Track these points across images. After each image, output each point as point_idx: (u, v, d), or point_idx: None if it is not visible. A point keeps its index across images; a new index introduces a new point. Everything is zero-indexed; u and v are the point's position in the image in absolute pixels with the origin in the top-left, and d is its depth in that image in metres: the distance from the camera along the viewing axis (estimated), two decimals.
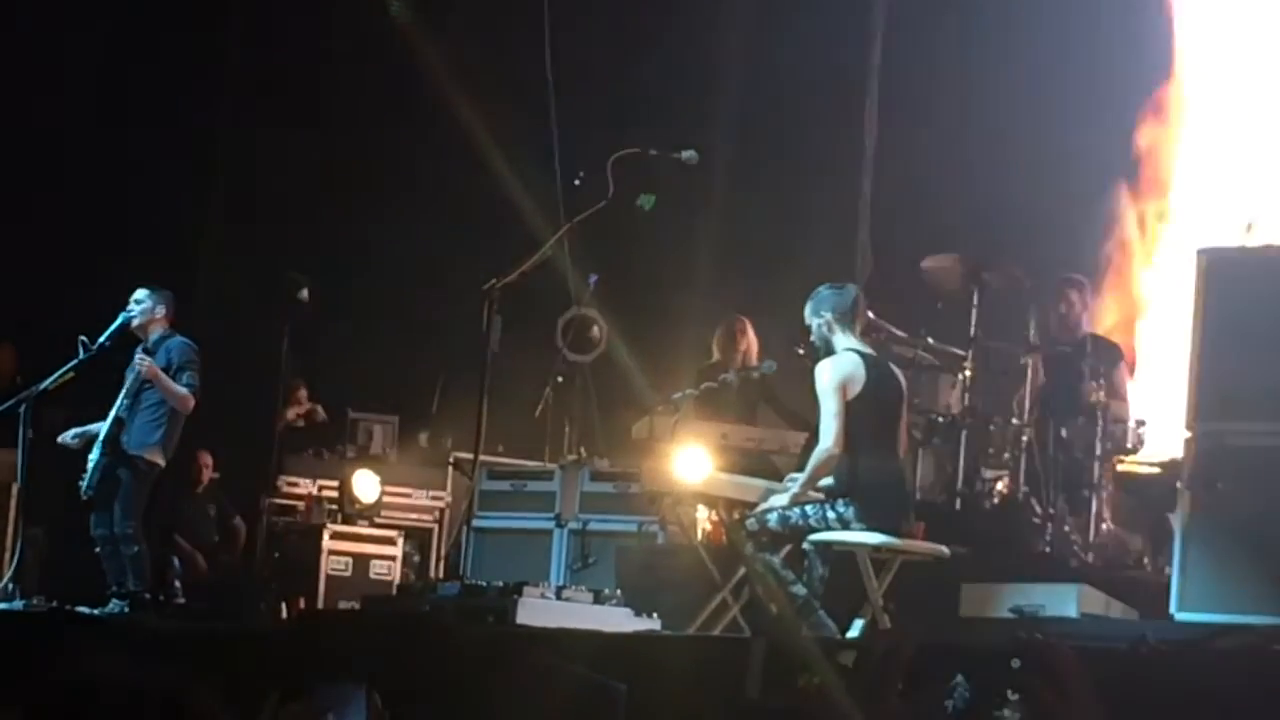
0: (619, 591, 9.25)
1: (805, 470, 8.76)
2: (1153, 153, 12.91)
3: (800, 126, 13.59)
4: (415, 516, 12.96)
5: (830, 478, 8.68)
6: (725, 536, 9.49)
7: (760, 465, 10.40)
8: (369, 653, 7.80)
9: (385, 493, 12.57)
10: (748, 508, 9.09)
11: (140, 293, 11.27)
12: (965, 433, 10.65)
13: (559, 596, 8.92)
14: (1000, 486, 10.73)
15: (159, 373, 11.05)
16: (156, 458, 11.10)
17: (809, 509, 8.67)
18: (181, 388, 11.07)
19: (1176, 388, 8.51)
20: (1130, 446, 10.48)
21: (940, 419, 10.76)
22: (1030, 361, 10.84)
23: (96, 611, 10.44)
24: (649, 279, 13.42)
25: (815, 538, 8.62)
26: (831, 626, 8.46)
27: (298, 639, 8.51)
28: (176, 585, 12.27)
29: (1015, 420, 10.71)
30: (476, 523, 10.93)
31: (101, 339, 11.13)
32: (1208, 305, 8.15)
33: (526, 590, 8.77)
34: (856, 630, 8.61)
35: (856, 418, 8.61)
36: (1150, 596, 9.05)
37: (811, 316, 8.84)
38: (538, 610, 8.62)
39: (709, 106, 13.39)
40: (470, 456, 10.26)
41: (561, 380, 11.97)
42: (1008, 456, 10.65)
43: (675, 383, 10.91)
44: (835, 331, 8.77)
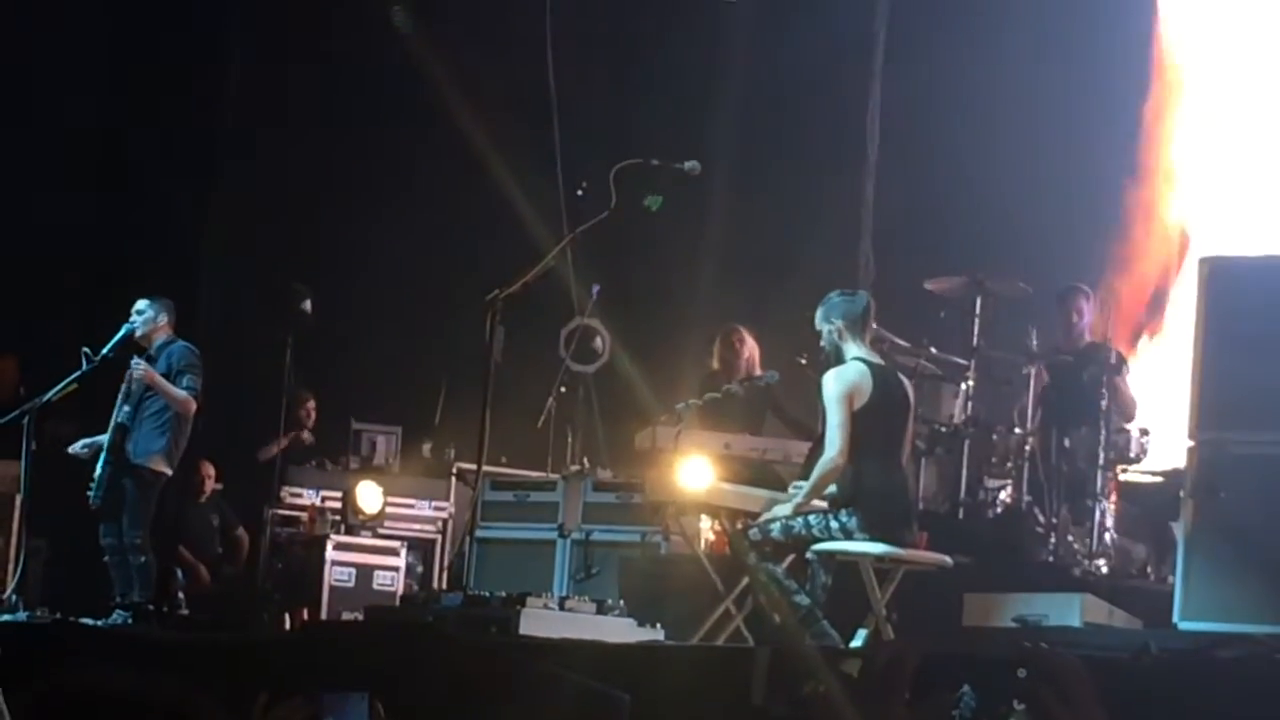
0: (622, 602, 9.24)
1: (809, 480, 8.75)
2: (1156, 161, 12.92)
3: (802, 135, 13.59)
4: (418, 527, 12.95)
5: (834, 487, 8.68)
6: (728, 546, 9.49)
7: (763, 475, 10.40)
8: (372, 663, 7.80)
9: (388, 503, 12.56)
10: (751, 518, 9.09)
11: (141, 303, 11.29)
12: (968, 442, 10.66)
13: (562, 607, 8.91)
14: (1003, 496, 10.74)
15: (155, 377, 11.06)
16: (161, 466, 11.10)
17: (812, 519, 8.66)
18: (181, 391, 11.08)
19: (1179, 396, 8.51)
20: (1133, 455, 10.48)
21: (943, 428, 10.77)
22: (1032, 370, 10.85)
23: (100, 623, 10.44)
24: (652, 289, 13.42)
25: (818, 547, 8.62)
26: (834, 636, 8.45)
27: (301, 650, 8.51)
28: (180, 596, 12.27)
29: (1018, 429, 10.72)
30: (479, 533, 10.92)
31: (105, 350, 11.14)
32: (1210, 314, 8.15)
33: (530, 601, 8.76)
34: (860, 640, 8.60)
35: (862, 428, 8.60)
36: (1153, 605, 9.05)
37: (822, 322, 8.83)
38: (541, 621, 8.62)
39: (711, 116, 13.40)
40: (473, 467, 10.25)
41: (564, 391, 11.97)
42: (1010, 466, 10.65)
43: (678, 393, 10.91)
44: (845, 339, 8.76)
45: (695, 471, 9.52)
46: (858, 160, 13.67)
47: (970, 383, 10.79)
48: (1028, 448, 10.59)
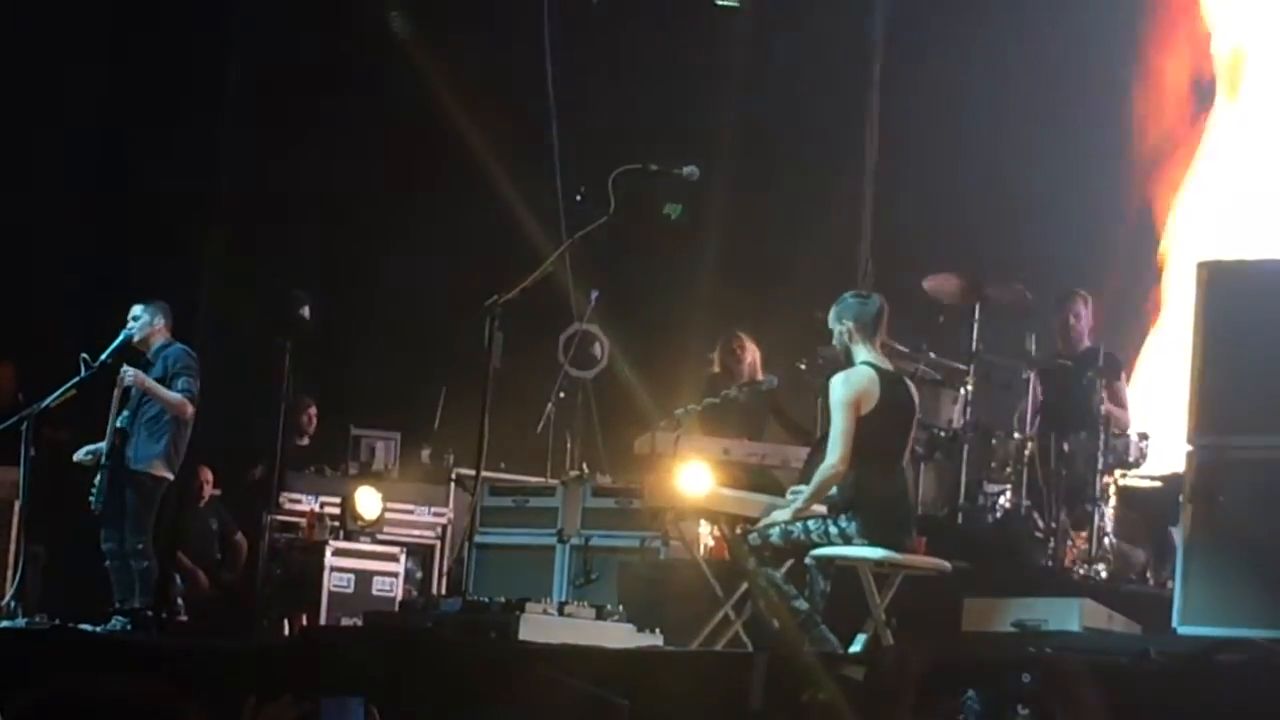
0: (621, 607, 9.23)
1: (810, 485, 8.74)
2: (1155, 166, 12.92)
3: (801, 141, 13.59)
4: (417, 533, 12.94)
5: (834, 491, 8.67)
6: (727, 551, 9.49)
7: (763, 480, 10.39)
8: (371, 669, 7.79)
9: (387, 509, 12.55)
10: (749, 523, 9.08)
11: (136, 308, 11.29)
12: (967, 447, 10.65)
13: (561, 612, 8.90)
14: (1002, 500, 10.73)
15: (148, 382, 11.06)
16: (161, 471, 11.09)
17: (811, 524, 8.65)
18: (175, 394, 11.08)
19: (1178, 401, 8.50)
20: (1132, 460, 10.47)
21: (942, 433, 10.76)
22: (1031, 375, 10.84)
23: (98, 629, 10.43)
24: (651, 295, 13.42)
25: (817, 552, 8.61)
26: (833, 641, 8.45)
27: (300, 656, 8.50)
28: (179, 602, 12.27)
29: (1017, 434, 10.71)
30: (478, 539, 10.92)
31: (103, 356, 11.13)
32: (1208, 318, 8.14)
33: (529, 606, 8.75)
34: (858, 645, 8.59)
35: (867, 433, 8.58)
36: (1153, 610, 9.04)
37: (834, 323, 8.82)
38: (540, 626, 8.61)
39: (710, 121, 13.40)
40: (472, 472, 10.24)
41: (563, 396, 11.97)
42: (1010, 470, 10.65)
43: (677, 398, 10.91)
44: (855, 341, 8.75)
45: (694, 477, 9.51)
46: (857, 165, 13.67)
47: (969, 387, 10.79)
48: (1027, 452, 10.58)
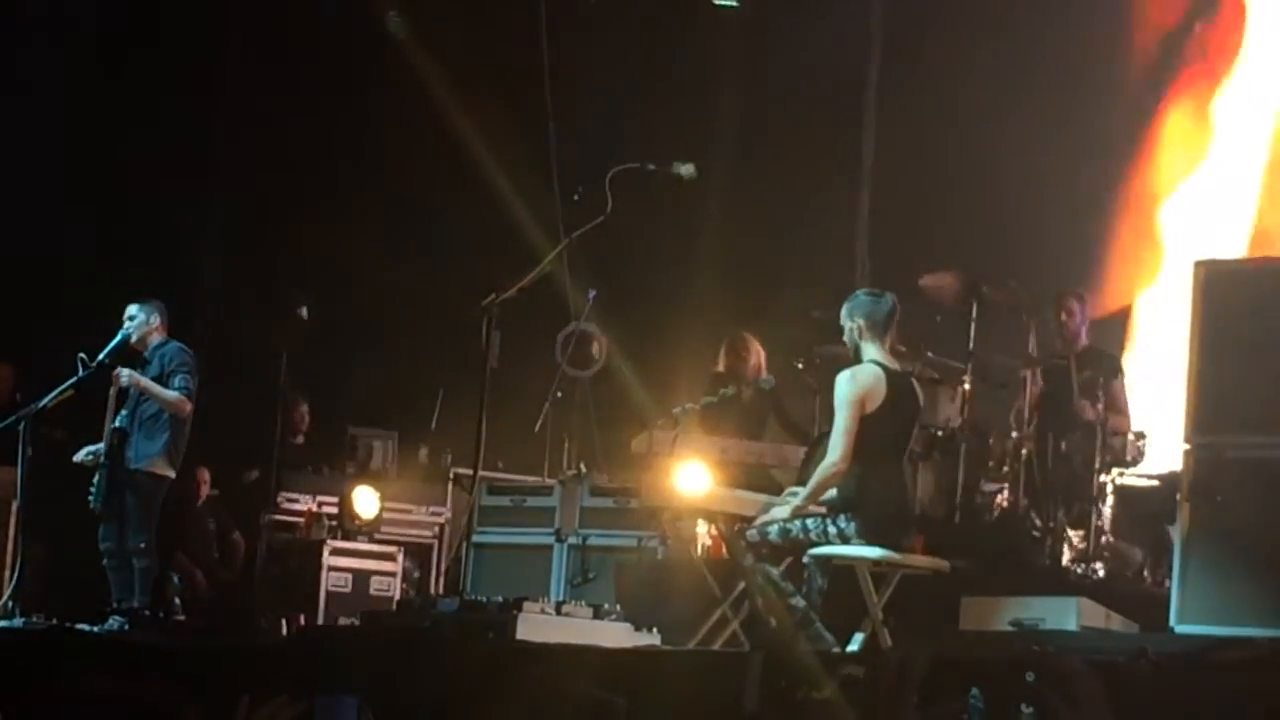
0: (619, 606, 9.23)
1: (809, 483, 8.74)
2: (1151, 164, 12.93)
3: (798, 141, 13.59)
4: (415, 532, 12.94)
5: (833, 491, 8.67)
6: (725, 548, 9.48)
7: (761, 480, 10.40)
8: (369, 669, 7.80)
9: (385, 508, 12.56)
10: (747, 522, 9.08)
11: (132, 308, 11.30)
12: (965, 446, 10.65)
13: (559, 612, 8.90)
14: (1000, 500, 10.74)
15: (143, 381, 11.06)
16: (161, 469, 11.09)
17: (810, 522, 8.65)
18: (172, 392, 11.08)
19: (1175, 400, 8.51)
20: (1129, 459, 10.48)
21: (939, 432, 10.77)
22: (1029, 374, 10.85)
23: (95, 628, 10.43)
24: (648, 294, 13.43)
25: (815, 551, 8.61)
26: (830, 639, 8.44)
27: (298, 655, 8.50)
28: (176, 602, 12.26)
29: (1015, 433, 10.71)
30: (476, 538, 10.93)
31: (100, 356, 11.14)
32: (1205, 317, 8.15)
33: (526, 606, 8.75)
34: (856, 644, 8.60)
35: (870, 432, 8.57)
36: (1150, 609, 9.05)
37: (845, 319, 8.82)
38: (537, 626, 8.61)
39: (707, 121, 13.40)
40: (470, 472, 10.25)
41: (561, 395, 11.97)
42: (1007, 470, 10.65)
43: (675, 397, 10.92)
44: (864, 339, 8.75)
45: (692, 476, 9.51)
46: (854, 165, 13.69)
47: (967, 387, 10.79)
48: (1024, 452, 10.59)
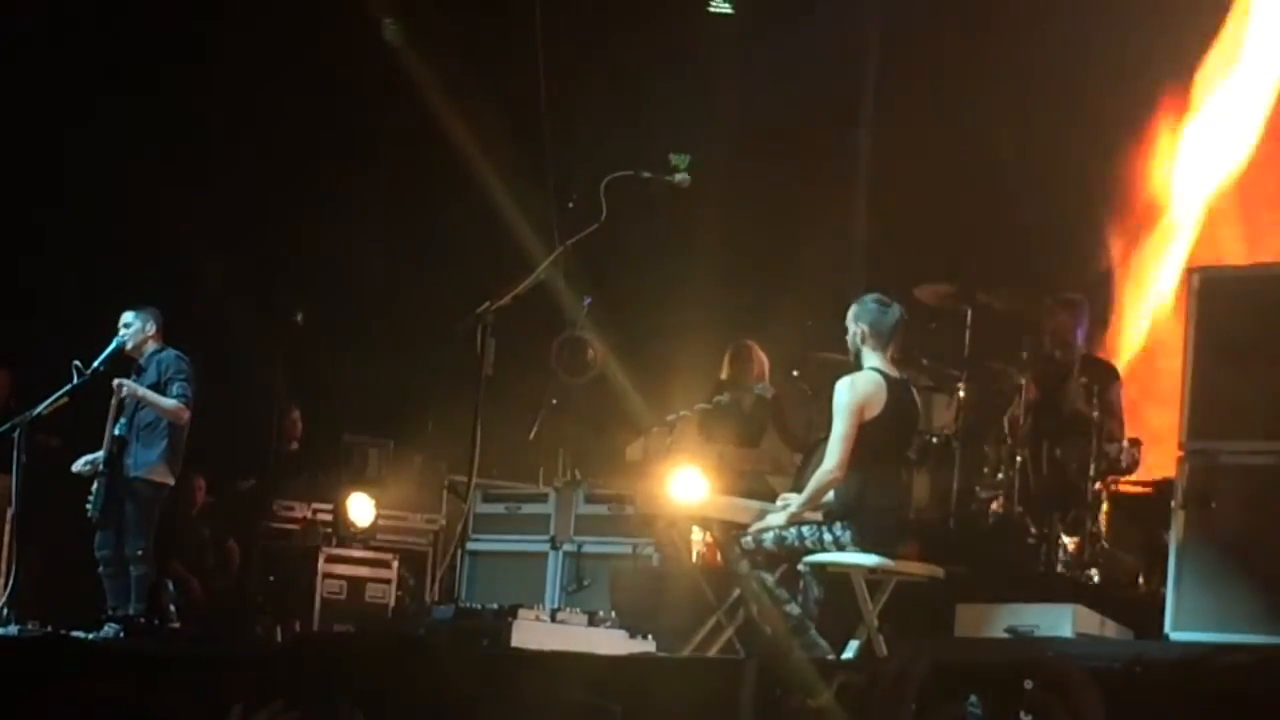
0: (614, 614, 9.24)
1: (805, 490, 8.74)
2: (1146, 173, 12.93)
3: (794, 149, 13.60)
4: (410, 539, 12.94)
5: (830, 497, 8.66)
6: (720, 555, 9.48)
7: (757, 487, 10.40)
8: (364, 676, 7.79)
9: (380, 516, 12.55)
10: (742, 529, 9.07)
11: (127, 315, 11.30)
12: (960, 453, 10.65)
13: (554, 619, 8.92)
14: (995, 506, 10.72)
15: (140, 391, 11.06)
16: (160, 476, 11.09)
17: (805, 529, 8.65)
18: (170, 400, 11.08)
19: (1170, 407, 8.51)
20: (1124, 466, 10.47)
21: (935, 439, 10.76)
22: (1024, 381, 10.84)
23: (91, 636, 10.43)
24: (643, 301, 13.43)
25: (810, 559, 8.61)
26: (824, 647, 8.44)
27: (293, 662, 8.50)
28: (171, 609, 12.25)
29: (1010, 440, 10.71)
30: (471, 545, 10.94)
31: (96, 363, 11.13)
32: (1200, 324, 8.15)
33: (521, 613, 8.77)
34: (851, 651, 8.59)
35: (868, 439, 8.57)
36: (1145, 616, 9.04)
37: (850, 322, 8.84)
38: (532, 633, 8.62)
39: (702, 128, 13.40)
40: (465, 479, 10.26)
41: (556, 403, 11.98)
42: (1002, 476, 10.64)
43: (670, 404, 10.91)
44: (866, 345, 8.76)
45: (687, 483, 9.51)
46: (849, 174, 13.69)
47: (962, 393, 10.79)
48: (1019, 458, 10.58)
